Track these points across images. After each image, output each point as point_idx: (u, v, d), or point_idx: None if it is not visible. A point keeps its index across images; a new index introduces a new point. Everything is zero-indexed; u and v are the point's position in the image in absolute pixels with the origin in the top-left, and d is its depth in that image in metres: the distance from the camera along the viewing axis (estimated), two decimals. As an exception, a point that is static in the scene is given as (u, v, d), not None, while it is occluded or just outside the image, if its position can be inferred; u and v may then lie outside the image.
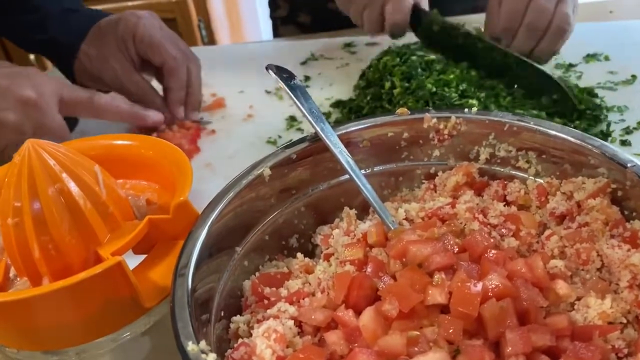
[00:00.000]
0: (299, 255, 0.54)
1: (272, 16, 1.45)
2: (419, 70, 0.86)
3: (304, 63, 1.13)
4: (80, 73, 0.95)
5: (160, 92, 0.96)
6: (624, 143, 0.79)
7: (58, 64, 1.00)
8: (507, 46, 0.90)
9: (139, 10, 0.96)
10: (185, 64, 0.94)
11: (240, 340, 0.44)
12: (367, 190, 0.53)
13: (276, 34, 1.46)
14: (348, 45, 1.17)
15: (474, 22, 1.05)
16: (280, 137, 0.91)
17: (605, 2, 1.23)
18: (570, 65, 0.98)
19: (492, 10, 0.95)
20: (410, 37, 1.04)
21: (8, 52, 2.33)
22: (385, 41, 1.13)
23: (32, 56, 2.25)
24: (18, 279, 0.48)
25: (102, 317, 0.45)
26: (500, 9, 0.92)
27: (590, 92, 0.87)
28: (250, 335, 0.45)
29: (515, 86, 0.87)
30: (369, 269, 0.47)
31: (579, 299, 0.46)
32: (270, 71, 0.60)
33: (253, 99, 1.04)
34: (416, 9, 1.00)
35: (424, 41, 1.00)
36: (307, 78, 1.08)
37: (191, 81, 0.95)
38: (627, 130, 0.81)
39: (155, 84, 0.98)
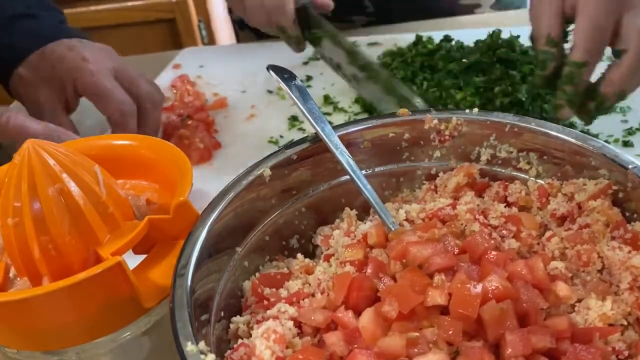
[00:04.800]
0: (299, 255, 0.54)
1: (230, 17, 1.41)
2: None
3: (306, 63, 1.13)
4: (13, 92, 0.89)
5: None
6: (626, 144, 0.78)
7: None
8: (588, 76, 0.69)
9: (96, 43, 0.88)
10: (135, 113, 0.82)
11: (239, 341, 0.44)
12: (368, 191, 0.53)
13: (237, 38, 1.43)
14: (350, 45, 1.17)
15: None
16: (282, 137, 0.91)
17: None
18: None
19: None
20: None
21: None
22: (387, 41, 1.13)
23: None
24: (18, 279, 0.48)
25: (102, 317, 0.45)
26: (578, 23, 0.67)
27: None
28: (250, 335, 0.45)
29: None
30: (369, 270, 0.47)
31: (579, 300, 0.46)
32: (271, 71, 0.60)
33: (255, 98, 1.04)
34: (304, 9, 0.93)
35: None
36: (308, 78, 1.08)
37: (145, 122, 0.85)
38: (630, 131, 0.80)
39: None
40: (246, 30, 1.34)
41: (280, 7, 0.93)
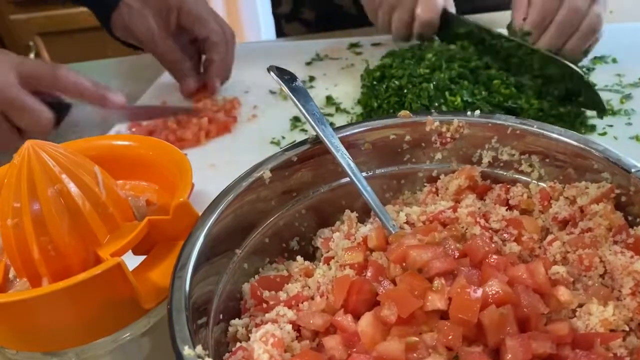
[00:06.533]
0: (299, 258, 0.53)
1: (274, 13, 1.42)
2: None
3: (309, 63, 1.13)
4: (117, 23, 0.99)
5: None
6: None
7: (97, 12, 1.04)
8: (534, 42, 0.90)
9: None
10: (225, 39, 1.02)
11: (238, 344, 0.44)
12: (368, 194, 0.53)
13: (280, 32, 1.43)
14: (353, 45, 1.17)
15: (485, 21, 1.05)
16: (284, 137, 0.91)
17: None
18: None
19: (521, 2, 0.94)
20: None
21: (6, 46, 2.34)
22: (388, 41, 1.13)
23: (32, 51, 2.26)
24: (17, 279, 0.48)
25: (101, 318, 0.45)
26: (531, 2, 0.92)
27: None
28: (249, 339, 0.44)
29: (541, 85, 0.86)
30: (368, 273, 0.47)
31: (580, 305, 0.45)
32: (271, 73, 0.60)
33: (257, 99, 1.04)
34: (444, 11, 1.02)
35: (448, 43, 1.01)
36: (311, 78, 1.07)
37: (228, 55, 1.04)
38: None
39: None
40: (295, 23, 1.38)
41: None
